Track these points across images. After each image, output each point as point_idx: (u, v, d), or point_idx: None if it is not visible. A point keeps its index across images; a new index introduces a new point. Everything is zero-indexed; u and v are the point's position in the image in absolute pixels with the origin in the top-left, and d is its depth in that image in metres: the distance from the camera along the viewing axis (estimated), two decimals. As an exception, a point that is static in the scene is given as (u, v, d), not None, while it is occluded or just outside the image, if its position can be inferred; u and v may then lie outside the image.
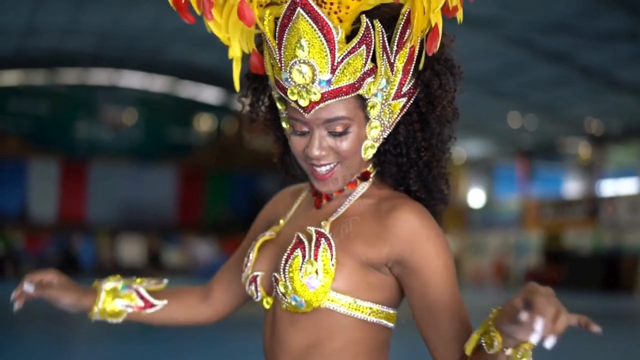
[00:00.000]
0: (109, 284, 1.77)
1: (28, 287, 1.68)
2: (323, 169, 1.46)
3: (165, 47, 26.94)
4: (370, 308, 1.44)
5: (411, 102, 1.48)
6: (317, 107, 1.40)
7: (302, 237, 1.44)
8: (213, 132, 35.36)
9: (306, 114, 1.41)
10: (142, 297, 1.77)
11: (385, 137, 1.49)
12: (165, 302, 1.78)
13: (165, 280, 1.82)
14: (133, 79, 32.65)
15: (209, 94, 34.03)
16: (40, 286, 1.70)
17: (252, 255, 1.57)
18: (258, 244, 1.58)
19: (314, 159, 1.44)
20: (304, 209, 1.61)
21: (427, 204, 1.55)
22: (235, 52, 1.53)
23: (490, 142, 32.83)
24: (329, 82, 1.37)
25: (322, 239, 1.42)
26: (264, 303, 1.53)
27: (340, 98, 1.39)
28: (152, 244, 29.15)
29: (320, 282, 1.40)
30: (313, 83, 1.37)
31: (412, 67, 1.45)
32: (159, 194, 34.10)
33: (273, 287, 1.50)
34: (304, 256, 1.41)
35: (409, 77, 1.46)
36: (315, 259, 1.41)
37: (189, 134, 35.20)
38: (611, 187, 30.82)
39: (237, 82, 1.56)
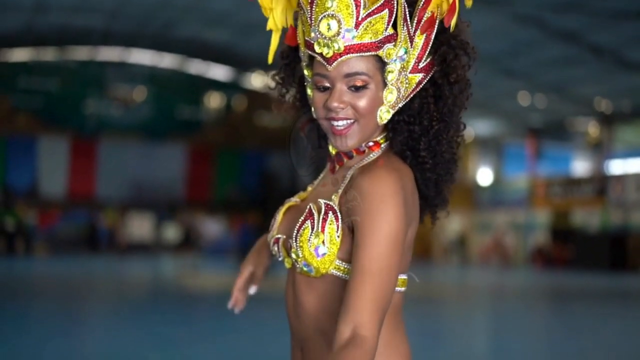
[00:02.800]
0: None
1: (248, 291, 1.96)
2: (341, 123, 1.56)
3: (175, 25, 26.94)
4: None
5: (427, 78, 1.60)
6: (340, 59, 1.53)
7: (313, 209, 1.56)
8: (222, 109, 35.39)
9: (329, 66, 1.53)
10: None
11: (400, 106, 1.60)
12: None
13: None
14: (143, 56, 32.68)
15: (219, 72, 34.04)
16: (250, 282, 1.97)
17: (278, 218, 1.69)
18: (283, 209, 1.71)
19: (333, 110, 1.55)
20: (325, 177, 1.73)
21: (429, 175, 1.66)
22: (273, 24, 1.68)
23: (500, 121, 32.81)
24: (352, 36, 1.51)
25: (330, 212, 1.54)
26: (285, 263, 1.66)
27: (361, 54, 1.53)
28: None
29: (326, 251, 1.53)
30: (338, 35, 1.51)
31: (430, 45, 1.58)
32: (168, 172, 34.22)
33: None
34: (312, 228, 1.54)
35: (426, 54, 1.58)
36: (322, 231, 1.53)
37: (199, 111, 35.25)
38: (620, 166, 30.78)
39: (272, 55, 1.70)
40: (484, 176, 35.55)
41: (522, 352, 8.71)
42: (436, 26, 1.57)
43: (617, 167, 30.84)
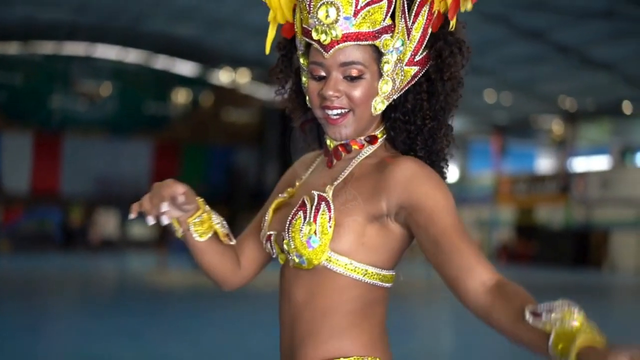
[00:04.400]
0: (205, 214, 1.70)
1: (167, 209, 1.64)
2: (335, 112, 1.55)
3: (142, 20, 26.73)
4: (366, 270, 1.55)
5: (423, 72, 1.61)
6: (337, 47, 1.52)
7: (306, 200, 1.55)
8: (189, 105, 35.21)
9: (326, 53, 1.53)
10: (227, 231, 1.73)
11: (395, 98, 1.60)
12: (234, 242, 1.72)
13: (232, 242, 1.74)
14: (109, 51, 32.39)
15: (186, 67, 33.86)
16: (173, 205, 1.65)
17: (268, 216, 1.67)
18: (273, 205, 1.68)
19: (328, 99, 1.54)
20: (319, 171, 1.70)
21: None
22: (272, 18, 1.68)
23: (466, 118, 33.05)
24: (350, 24, 1.52)
25: (323, 203, 1.53)
26: (279, 259, 1.64)
27: (358, 42, 1.53)
28: None
29: (318, 242, 1.51)
30: (336, 23, 1.51)
31: (426, 39, 1.60)
32: (134, 167, 33.96)
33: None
34: (305, 218, 1.52)
35: (422, 48, 1.60)
36: (314, 221, 1.52)
37: (165, 107, 35.02)
38: (583, 164, 31.19)
39: (269, 46, 1.69)
40: (450, 173, 35.77)
41: (484, 346, 8.79)
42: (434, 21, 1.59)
43: (580, 164, 31.25)
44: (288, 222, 1.55)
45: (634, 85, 25.83)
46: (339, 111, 1.55)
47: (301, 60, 1.63)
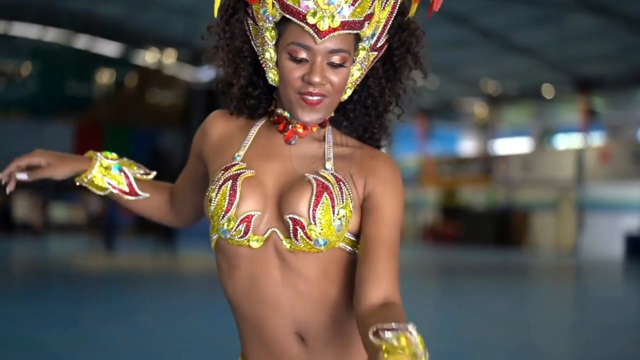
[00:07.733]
0: (105, 160, 1.86)
1: (21, 175, 1.84)
2: (315, 98, 1.51)
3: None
4: (356, 245, 1.55)
5: (377, 57, 1.61)
6: (332, 34, 1.47)
7: (324, 181, 1.50)
8: (112, 86, 34.51)
9: (319, 39, 1.47)
10: (129, 184, 1.86)
11: (357, 84, 1.60)
12: (147, 195, 1.89)
13: (153, 173, 1.91)
14: (28, 29, 31.46)
15: (109, 48, 33.17)
16: (32, 170, 1.86)
17: (238, 192, 1.52)
18: (241, 181, 1.53)
19: (314, 84, 1.49)
20: (275, 145, 1.61)
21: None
22: None
23: (391, 101, 33.35)
24: (348, 12, 1.48)
25: (341, 184, 1.51)
26: (252, 242, 1.53)
27: (350, 31, 1.50)
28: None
29: (344, 223, 1.50)
30: (337, 10, 1.47)
31: (388, 26, 1.60)
32: (55, 150, 32.61)
33: (271, 228, 1.52)
34: (332, 199, 1.48)
35: (385, 35, 1.60)
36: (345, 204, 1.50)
37: (87, 87, 34.22)
38: (504, 146, 31.91)
39: (217, 7, 1.59)
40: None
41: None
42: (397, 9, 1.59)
43: (502, 146, 31.97)
44: (312, 207, 1.48)
45: (555, 70, 26.52)
46: (318, 97, 1.51)
47: (267, 34, 1.54)
